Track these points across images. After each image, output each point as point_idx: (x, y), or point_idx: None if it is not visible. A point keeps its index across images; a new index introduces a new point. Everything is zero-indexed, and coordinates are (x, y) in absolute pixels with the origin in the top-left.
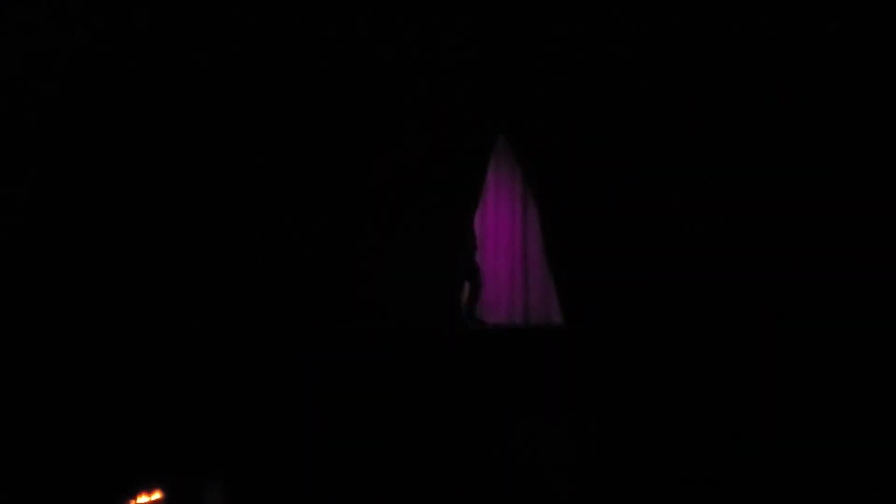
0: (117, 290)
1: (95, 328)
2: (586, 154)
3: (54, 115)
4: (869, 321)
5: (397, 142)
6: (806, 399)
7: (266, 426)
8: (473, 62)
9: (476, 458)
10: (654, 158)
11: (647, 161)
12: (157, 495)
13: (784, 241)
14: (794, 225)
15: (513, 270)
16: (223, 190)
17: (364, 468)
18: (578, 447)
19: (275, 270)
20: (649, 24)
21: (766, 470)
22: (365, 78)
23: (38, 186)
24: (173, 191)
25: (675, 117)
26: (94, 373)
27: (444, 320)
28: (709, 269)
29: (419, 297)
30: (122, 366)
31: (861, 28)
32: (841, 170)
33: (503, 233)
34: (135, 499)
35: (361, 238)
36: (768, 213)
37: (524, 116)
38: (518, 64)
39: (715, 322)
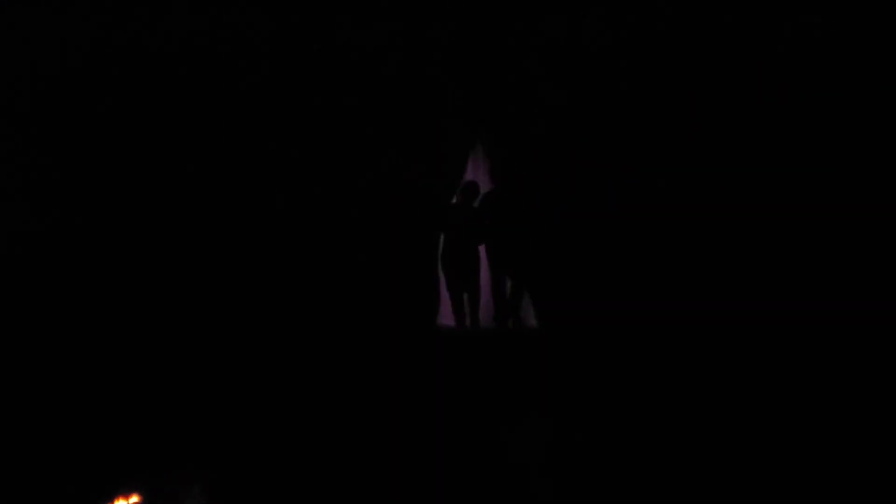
0: (98, 295)
1: (74, 333)
2: (562, 162)
3: (53, 116)
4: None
5: (377, 147)
6: (779, 398)
7: (245, 429)
8: (453, 70)
9: (461, 456)
10: (629, 169)
11: (620, 172)
12: (134, 499)
13: (746, 241)
14: (754, 226)
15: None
16: (208, 190)
17: (347, 469)
18: (559, 445)
19: (258, 274)
20: (622, 37)
21: (744, 468)
22: (345, 85)
23: (40, 186)
24: (152, 191)
25: (649, 128)
26: (73, 378)
27: (427, 321)
28: (674, 274)
29: (400, 298)
30: (101, 370)
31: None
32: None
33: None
34: (112, 503)
35: (341, 240)
36: (736, 217)
37: (502, 122)
38: (497, 71)
39: (682, 324)
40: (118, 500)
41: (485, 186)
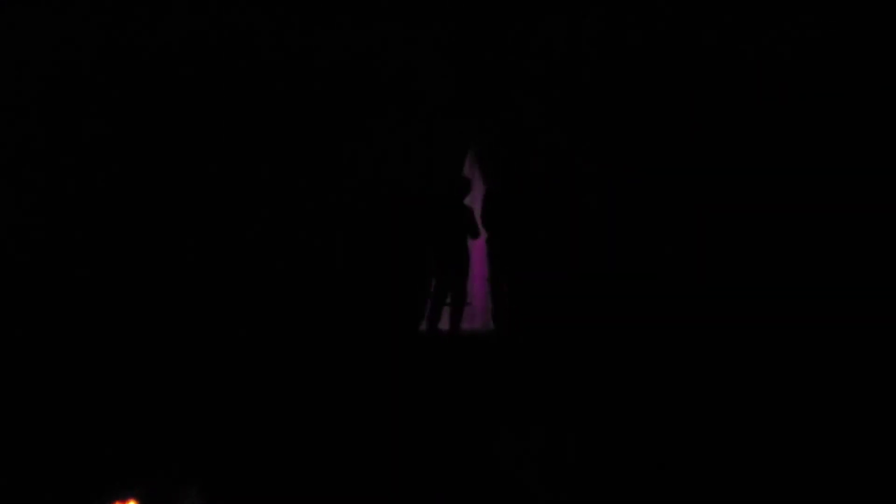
0: (94, 297)
1: (67, 334)
2: (561, 161)
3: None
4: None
5: (372, 146)
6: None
7: (242, 431)
8: (452, 69)
9: (455, 457)
10: (628, 169)
11: (620, 172)
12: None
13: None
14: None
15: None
16: (199, 190)
17: (343, 471)
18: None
19: (250, 277)
20: (621, 37)
21: (742, 468)
22: (342, 84)
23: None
24: (145, 190)
25: (649, 128)
26: (67, 379)
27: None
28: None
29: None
30: (95, 372)
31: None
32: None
33: (479, 245)
34: None
35: (335, 245)
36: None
37: (500, 122)
38: (496, 70)
39: (679, 325)
40: None
41: (482, 186)
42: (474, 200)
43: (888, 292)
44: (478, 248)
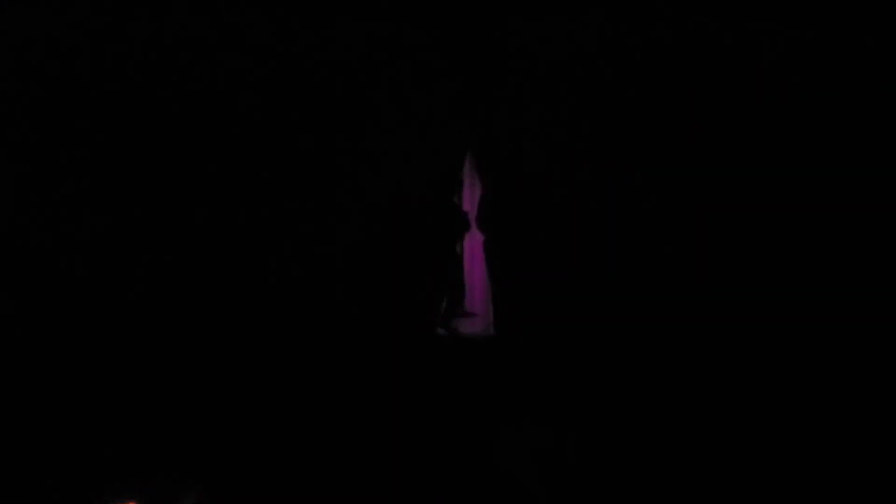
0: (93, 296)
1: (67, 333)
2: (561, 161)
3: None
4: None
5: (370, 153)
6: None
7: (242, 432)
8: (452, 69)
9: (455, 462)
10: (629, 169)
11: (620, 172)
12: None
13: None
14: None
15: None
16: (202, 192)
17: (343, 471)
18: (555, 449)
19: (250, 277)
20: (621, 37)
21: (742, 468)
22: (340, 84)
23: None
24: (143, 193)
25: (649, 128)
26: (67, 379)
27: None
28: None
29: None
30: (95, 372)
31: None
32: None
33: (478, 247)
34: None
35: (335, 246)
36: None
37: (499, 122)
38: (495, 70)
39: (677, 325)
40: None
41: (480, 187)
42: (473, 202)
43: (888, 292)
44: (477, 250)
